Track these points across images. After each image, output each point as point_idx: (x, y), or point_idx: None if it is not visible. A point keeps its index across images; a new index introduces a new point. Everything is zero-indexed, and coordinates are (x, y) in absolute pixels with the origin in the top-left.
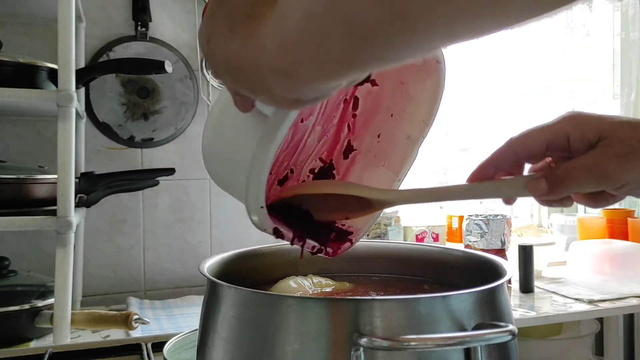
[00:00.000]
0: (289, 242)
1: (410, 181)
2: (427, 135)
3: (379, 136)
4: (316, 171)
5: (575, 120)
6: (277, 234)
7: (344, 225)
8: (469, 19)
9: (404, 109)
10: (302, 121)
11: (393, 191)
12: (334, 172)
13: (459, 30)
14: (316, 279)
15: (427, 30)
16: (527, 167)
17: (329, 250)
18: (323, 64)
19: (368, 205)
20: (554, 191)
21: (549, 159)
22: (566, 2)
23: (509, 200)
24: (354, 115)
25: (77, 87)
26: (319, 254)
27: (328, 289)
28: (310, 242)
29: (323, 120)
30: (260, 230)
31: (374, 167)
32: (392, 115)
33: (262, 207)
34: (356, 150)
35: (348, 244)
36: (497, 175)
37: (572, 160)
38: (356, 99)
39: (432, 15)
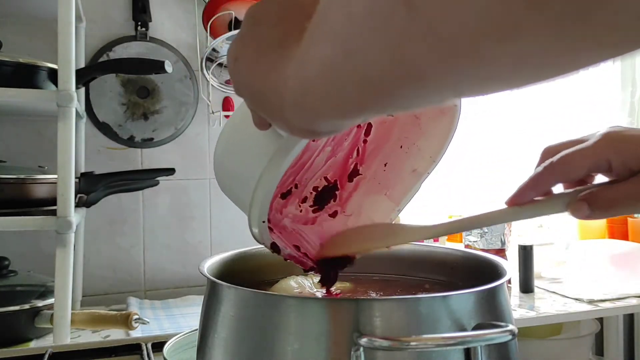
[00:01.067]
0: (282, 258)
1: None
2: (432, 172)
3: (385, 165)
4: (319, 189)
5: (616, 145)
6: (274, 248)
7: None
8: (479, 82)
9: (414, 142)
10: (313, 140)
11: (431, 228)
12: (337, 192)
13: (468, 90)
14: (317, 279)
15: (438, 87)
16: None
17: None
18: (339, 107)
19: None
20: (595, 216)
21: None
22: (579, 66)
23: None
24: (365, 141)
25: (77, 87)
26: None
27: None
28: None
29: (334, 143)
30: (259, 243)
31: (375, 194)
32: (401, 147)
33: (263, 222)
34: (361, 175)
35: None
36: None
37: (615, 186)
38: (369, 126)
39: (443, 74)
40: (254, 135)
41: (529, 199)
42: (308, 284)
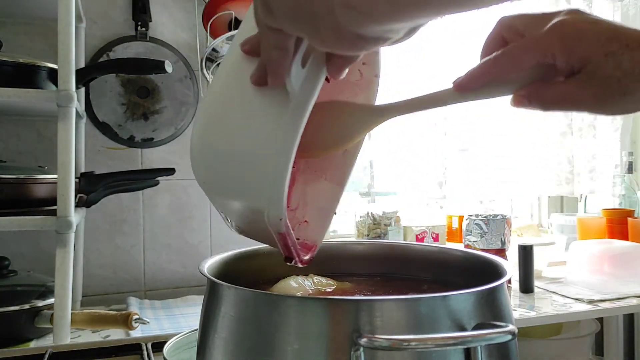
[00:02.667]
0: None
1: (410, 177)
2: (362, 146)
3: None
4: None
5: (565, 42)
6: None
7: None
8: None
9: None
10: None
11: (386, 105)
12: None
13: None
14: (317, 279)
15: None
16: None
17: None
18: (395, 7)
19: (363, 124)
20: (533, 108)
21: None
22: None
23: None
24: None
25: (77, 87)
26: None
27: (329, 289)
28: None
29: None
30: (274, 229)
31: (315, 182)
32: None
33: (284, 201)
34: (294, 167)
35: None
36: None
37: (553, 86)
38: None
39: None
40: (248, 102)
41: (476, 86)
42: (308, 284)
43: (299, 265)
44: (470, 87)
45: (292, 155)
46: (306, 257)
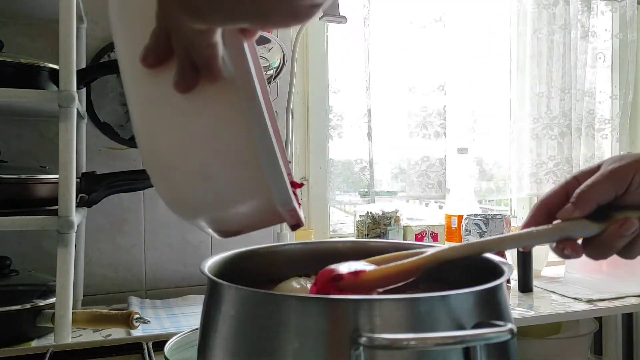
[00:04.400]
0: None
1: (410, 177)
2: None
3: None
4: None
5: (619, 176)
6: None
7: None
8: None
9: None
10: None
11: (452, 248)
12: None
13: None
14: None
15: None
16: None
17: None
18: None
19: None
20: (578, 205)
21: None
22: None
23: (573, 248)
24: None
25: (78, 88)
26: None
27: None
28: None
29: None
30: (284, 210)
31: None
32: None
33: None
34: None
35: None
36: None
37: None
38: None
39: None
40: (191, 110)
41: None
42: (310, 285)
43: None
44: (567, 216)
45: (270, 130)
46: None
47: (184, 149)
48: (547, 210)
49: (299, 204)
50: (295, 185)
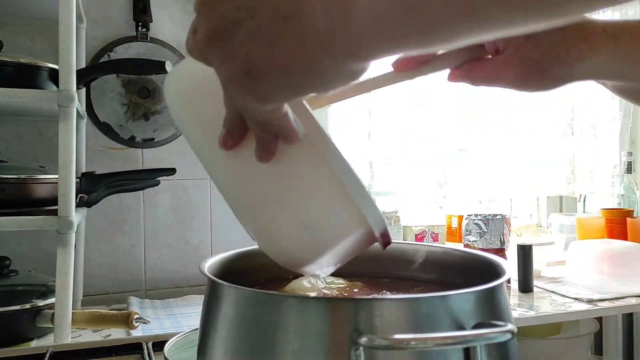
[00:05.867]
0: None
1: (410, 177)
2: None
3: None
4: None
5: None
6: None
7: None
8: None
9: None
10: None
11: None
12: None
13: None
14: (329, 279)
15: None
16: None
17: None
18: (392, 48)
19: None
20: (466, 83)
21: None
22: None
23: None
24: None
25: (78, 88)
26: None
27: (340, 288)
28: None
29: None
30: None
31: None
32: None
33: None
34: None
35: None
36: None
37: (481, 66)
38: None
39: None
40: (279, 177)
41: (414, 64)
42: (321, 284)
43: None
44: (410, 66)
45: (358, 176)
46: None
47: (283, 209)
48: None
49: None
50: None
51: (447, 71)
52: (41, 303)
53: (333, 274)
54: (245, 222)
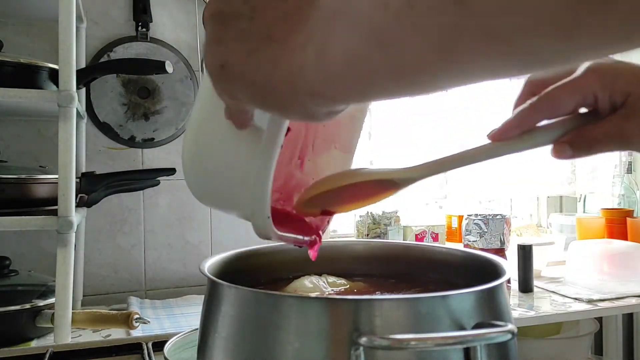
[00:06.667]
0: (294, 245)
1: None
2: (367, 110)
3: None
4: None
5: (603, 79)
6: (282, 238)
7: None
8: (521, 69)
9: None
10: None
11: (415, 167)
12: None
13: (505, 74)
14: (331, 279)
15: (479, 72)
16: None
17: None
18: (365, 93)
19: (390, 186)
20: (578, 156)
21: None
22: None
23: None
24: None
25: (77, 88)
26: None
27: (342, 289)
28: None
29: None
30: (264, 239)
31: (326, 151)
32: None
33: (268, 218)
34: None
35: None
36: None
37: (596, 126)
38: None
39: (487, 62)
40: (229, 136)
41: (513, 135)
42: (323, 284)
43: (311, 253)
44: (508, 136)
45: (269, 183)
46: (319, 234)
47: (212, 159)
48: (541, 118)
49: (328, 222)
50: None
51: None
52: (41, 303)
53: (334, 274)
54: (187, 156)
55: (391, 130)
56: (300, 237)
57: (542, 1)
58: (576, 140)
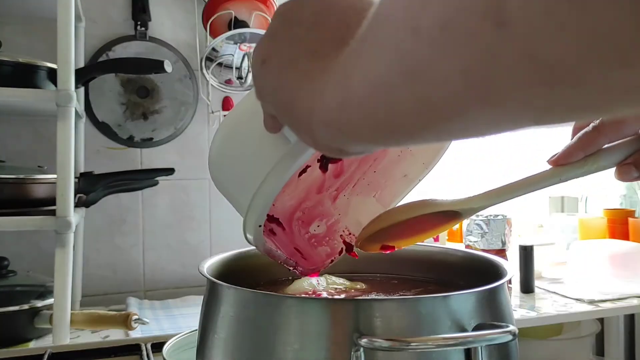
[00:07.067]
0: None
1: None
2: (423, 179)
3: (377, 167)
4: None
5: None
6: (268, 253)
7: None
8: (570, 110)
9: (410, 149)
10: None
11: (477, 196)
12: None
13: (552, 118)
14: (331, 279)
15: (518, 113)
16: None
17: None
18: (384, 132)
19: (453, 216)
20: None
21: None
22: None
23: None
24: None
25: (76, 87)
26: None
27: (342, 289)
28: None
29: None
30: (252, 246)
31: (364, 196)
32: (394, 150)
33: (260, 226)
34: (345, 174)
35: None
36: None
37: None
38: None
39: (529, 99)
40: (258, 135)
41: (576, 159)
42: (322, 284)
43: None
44: (571, 160)
45: (273, 192)
46: (309, 268)
47: (235, 151)
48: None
49: (331, 261)
50: (349, 251)
51: None
52: (40, 304)
53: (334, 274)
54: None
55: None
56: (291, 262)
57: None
58: None
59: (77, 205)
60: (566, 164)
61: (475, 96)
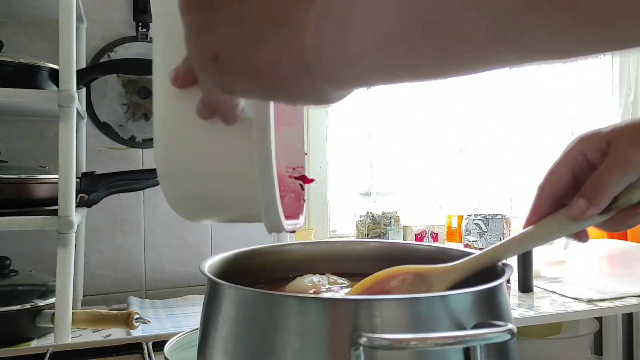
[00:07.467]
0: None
1: (410, 177)
2: None
3: None
4: None
5: (585, 138)
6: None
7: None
8: (584, 47)
9: None
10: None
11: (454, 266)
12: None
13: (563, 53)
14: (331, 278)
15: (536, 49)
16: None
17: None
18: (393, 76)
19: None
20: (594, 203)
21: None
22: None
23: (579, 237)
24: None
25: (78, 88)
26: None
27: (342, 288)
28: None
29: None
30: (273, 232)
31: (276, 132)
32: None
33: (282, 211)
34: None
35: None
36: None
37: (595, 173)
38: None
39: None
40: (212, 130)
41: (544, 218)
42: (323, 283)
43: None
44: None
45: (273, 169)
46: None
47: (197, 163)
48: (553, 195)
49: (304, 200)
50: (305, 180)
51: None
52: (41, 303)
53: (335, 274)
54: (161, 162)
55: (390, 130)
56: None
57: None
58: (584, 188)
59: (78, 205)
60: (537, 222)
61: (502, 45)
